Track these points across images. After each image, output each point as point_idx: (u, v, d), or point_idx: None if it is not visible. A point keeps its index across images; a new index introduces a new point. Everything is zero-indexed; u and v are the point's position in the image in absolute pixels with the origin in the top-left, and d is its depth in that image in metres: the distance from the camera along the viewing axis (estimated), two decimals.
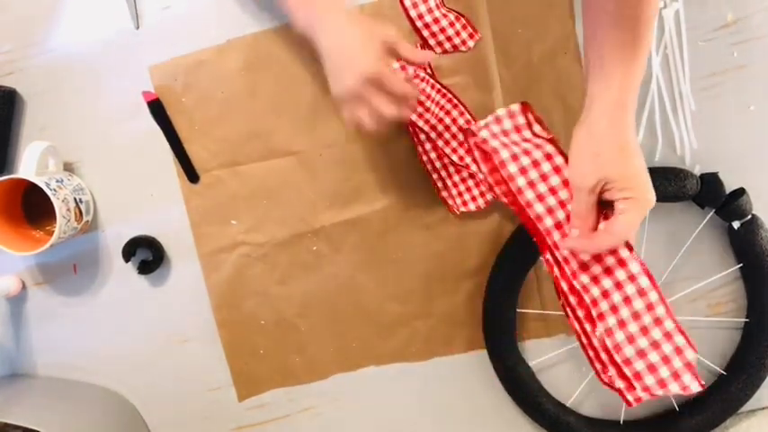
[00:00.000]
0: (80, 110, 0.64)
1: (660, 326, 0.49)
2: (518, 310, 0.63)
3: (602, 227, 0.48)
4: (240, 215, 0.64)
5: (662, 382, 0.48)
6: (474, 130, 0.53)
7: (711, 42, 0.60)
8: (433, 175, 0.63)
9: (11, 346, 0.67)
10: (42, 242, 0.58)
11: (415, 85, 0.57)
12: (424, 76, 0.59)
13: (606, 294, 0.49)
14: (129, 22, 0.62)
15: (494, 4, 0.61)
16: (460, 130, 0.61)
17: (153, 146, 0.63)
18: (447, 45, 0.61)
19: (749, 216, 0.59)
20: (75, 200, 0.60)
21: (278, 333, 0.66)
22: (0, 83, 0.62)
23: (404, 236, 0.64)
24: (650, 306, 0.49)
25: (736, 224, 0.59)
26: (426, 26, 0.61)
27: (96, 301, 0.66)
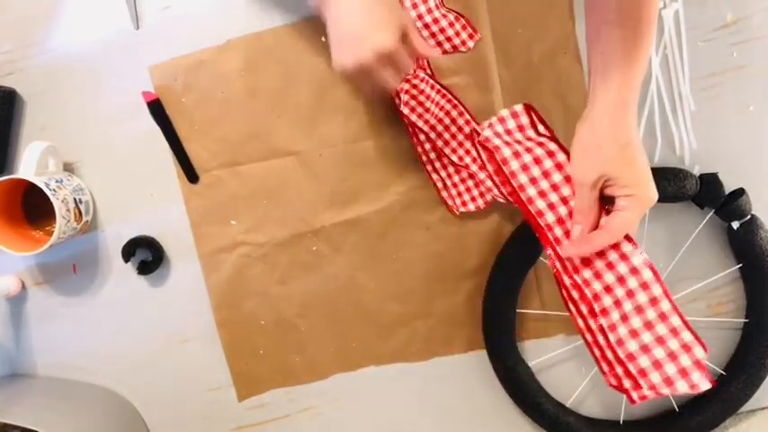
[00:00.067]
0: (80, 110, 0.64)
1: (665, 321, 0.48)
2: (518, 311, 0.63)
3: (603, 221, 0.48)
4: (240, 215, 0.64)
5: (668, 380, 0.47)
6: (478, 130, 0.54)
7: (711, 42, 0.61)
8: (433, 176, 0.63)
9: (11, 346, 0.67)
10: (42, 242, 0.58)
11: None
12: (424, 76, 0.59)
13: (609, 289, 0.49)
14: (129, 23, 0.62)
15: (494, 4, 0.61)
16: (460, 130, 0.61)
17: (153, 146, 0.63)
18: (447, 45, 0.61)
19: (749, 216, 0.59)
20: (75, 200, 0.60)
21: (278, 333, 0.66)
22: (0, 83, 0.62)
23: (404, 236, 0.64)
24: (654, 300, 0.48)
25: (735, 224, 0.59)
26: (426, 26, 0.61)
27: (96, 301, 0.66)
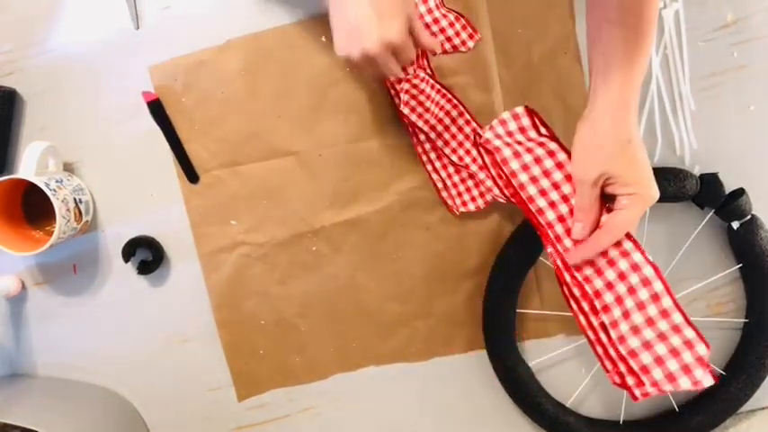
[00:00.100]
0: (80, 110, 0.64)
1: (667, 318, 0.48)
2: (518, 311, 0.63)
3: (604, 219, 0.48)
4: (240, 215, 0.64)
5: (671, 376, 0.47)
6: (480, 133, 0.54)
7: (711, 42, 0.60)
8: (433, 176, 0.63)
9: (11, 346, 0.67)
10: (42, 242, 0.58)
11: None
12: (424, 76, 0.59)
13: (610, 286, 0.49)
14: (129, 23, 0.62)
15: (494, 4, 0.61)
16: (460, 130, 0.61)
17: (153, 146, 0.63)
18: (447, 45, 0.61)
19: (749, 216, 0.59)
20: (75, 200, 0.60)
21: (278, 333, 0.66)
22: (0, 83, 0.62)
23: (404, 236, 0.64)
24: (655, 297, 0.48)
25: (735, 224, 0.59)
26: (426, 26, 0.61)
27: (96, 301, 0.66)
